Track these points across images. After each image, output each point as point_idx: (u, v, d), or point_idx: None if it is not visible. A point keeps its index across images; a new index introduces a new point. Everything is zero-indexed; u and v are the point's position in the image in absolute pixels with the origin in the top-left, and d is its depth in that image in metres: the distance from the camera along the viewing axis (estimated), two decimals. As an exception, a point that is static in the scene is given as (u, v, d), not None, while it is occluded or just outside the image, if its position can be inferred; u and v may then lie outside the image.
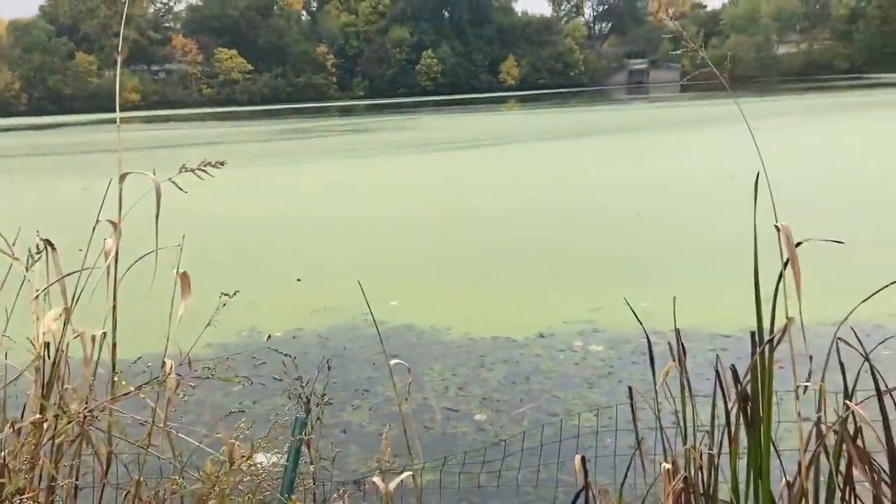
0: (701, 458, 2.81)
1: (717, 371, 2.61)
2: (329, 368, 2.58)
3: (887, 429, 2.13)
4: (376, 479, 1.96)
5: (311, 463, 2.32)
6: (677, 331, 3.00)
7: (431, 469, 3.70)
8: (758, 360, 2.44)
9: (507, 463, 3.77)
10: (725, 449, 2.88)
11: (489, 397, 5.09)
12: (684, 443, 3.00)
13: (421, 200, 14.71)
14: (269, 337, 6.51)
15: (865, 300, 2.68)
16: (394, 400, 5.12)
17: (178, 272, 2.04)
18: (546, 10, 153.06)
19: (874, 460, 2.54)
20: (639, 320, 3.37)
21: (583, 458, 2.35)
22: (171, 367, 1.95)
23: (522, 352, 5.96)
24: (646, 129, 30.63)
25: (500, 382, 5.35)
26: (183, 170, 2.19)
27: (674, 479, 2.68)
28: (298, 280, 8.56)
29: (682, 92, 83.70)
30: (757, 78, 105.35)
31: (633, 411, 3.04)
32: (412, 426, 4.67)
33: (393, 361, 2.53)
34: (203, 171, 2.19)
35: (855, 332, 2.64)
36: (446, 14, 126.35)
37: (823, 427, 2.58)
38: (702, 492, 2.78)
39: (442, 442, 4.46)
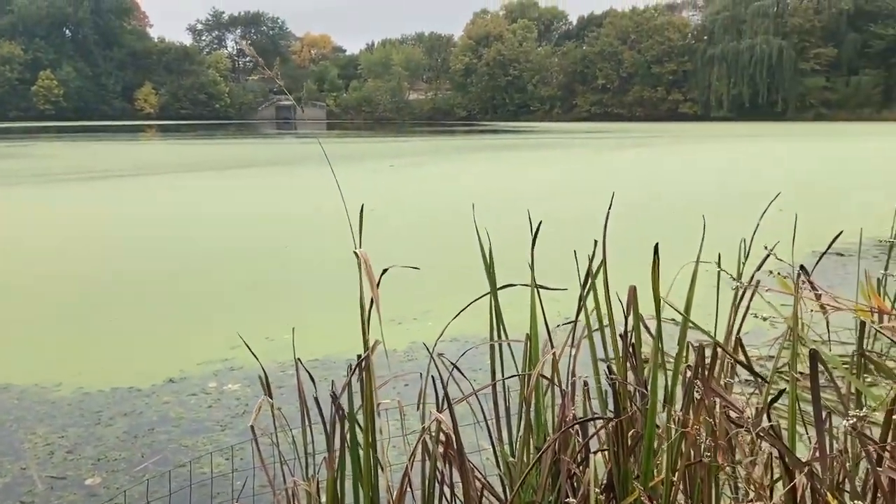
0: (318, 485, 2.82)
1: (315, 399, 2.64)
2: None
3: (456, 432, 2.38)
4: None
5: None
6: (297, 360, 3.01)
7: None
8: (354, 382, 2.51)
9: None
10: (348, 472, 2.94)
11: (105, 457, 4.50)
12: (304, 473, 2.99)
13: (22, 238, 12.73)
14: None
15: (453, 319, 3.00)
16: (-23, 479, 4.22)
17: None
18: (186, 39, 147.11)
19: (468, 459, 2.81)
20: (254, 355, 3.28)
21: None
22: None
23: (147, 401, 5.42)
24: (295, 163, 31.15)
25: (118, 439, 4.77)
26: None
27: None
28: None
29: (329, 129, 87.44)
30: (393, 120, 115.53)
31: (258, 449, 2.94)
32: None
33: None
34: None
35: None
36: (68, 32, 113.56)
37: (426, 436, 2.79)
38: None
39: (41, 519, 3.79)
